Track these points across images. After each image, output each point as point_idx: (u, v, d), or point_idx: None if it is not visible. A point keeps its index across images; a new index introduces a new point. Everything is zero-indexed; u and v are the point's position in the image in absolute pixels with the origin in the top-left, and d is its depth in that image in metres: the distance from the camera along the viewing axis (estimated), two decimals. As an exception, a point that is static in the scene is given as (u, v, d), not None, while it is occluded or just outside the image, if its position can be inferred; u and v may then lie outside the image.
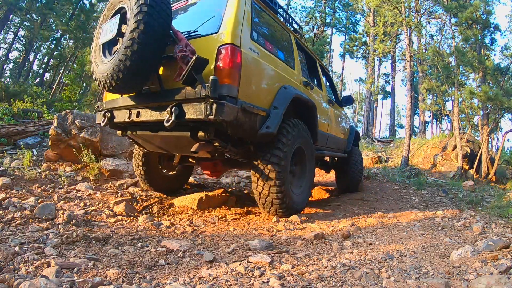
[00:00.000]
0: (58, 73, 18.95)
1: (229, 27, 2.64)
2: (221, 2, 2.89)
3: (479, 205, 4.57)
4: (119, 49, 2.44)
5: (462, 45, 8.33)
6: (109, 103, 3.18)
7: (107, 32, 2.69)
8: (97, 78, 2.69)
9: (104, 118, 3.10)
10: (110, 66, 2.52)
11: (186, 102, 2.49)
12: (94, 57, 2.82)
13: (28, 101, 7.63)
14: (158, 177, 3.99)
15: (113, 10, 2.73)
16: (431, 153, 9.46)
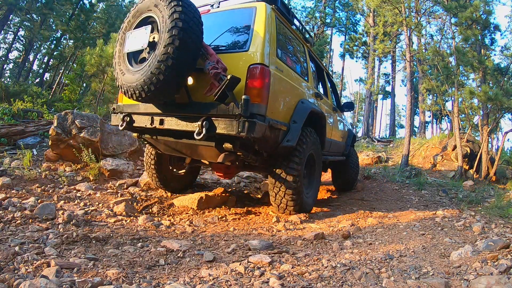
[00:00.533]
0: (58, 73, 18.95)
1: (259, 46, 2.75)
2: (248, 16, 2.98)
3: (479, 205, 4.57)
4: (152, 62, 2.47)
5: (462, 45, 8.33)
6: (128, 107, 3.22)
7: (135, 41, 2.70)
8: (122, 86, 2.72)
9: (122, 122, 3.14)
10: (140, 77, 2.54)
11: (216, 117, 2.59)
12: (118, 63, 2.83)
13: (28, 101, 7.64)
14: (169, 177, 4.07)
15: (140, 17, 2.75)
16: (431, 153, 9.46)
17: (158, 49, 2.45)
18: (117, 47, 2.88)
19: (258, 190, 5.34)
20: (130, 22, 2.83)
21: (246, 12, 3.06)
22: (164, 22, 2.45)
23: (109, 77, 7.77)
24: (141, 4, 2.75)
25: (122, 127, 3.14)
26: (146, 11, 2.69)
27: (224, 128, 2.56)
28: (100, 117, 5.21)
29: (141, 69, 2.57)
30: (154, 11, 2.59)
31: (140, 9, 2.75)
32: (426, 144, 10.30)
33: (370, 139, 16.59)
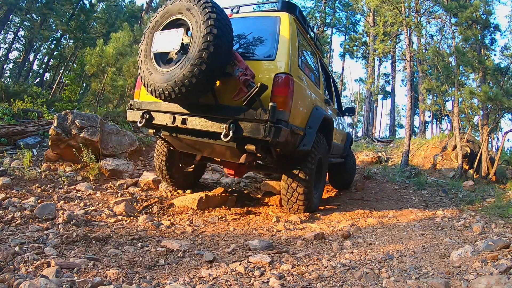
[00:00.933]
0: (58, 73, 18.94)
1: (285, 56, 2.93)
2: (272, 25, 3.13)
3: (479, 205, 4.57)
4: (184, 65, 2.55)
5: (462, 45, 8.32)
6: (148, 104, 3.25)
7: (165, 42, 2.75)
8: (149, 85, 2.78)
9: (141, 119, 3.17)
10: (170, 78, 2.61)
11: (242, 120, 2.73)
12: (144, 62, 2.87)
13: (28, 101, 7.63)
14: (178, 173, 4.14)
15: (169, 19, 2.81)
16: (431, 153, 9.46)
17: (191, 53, 2.53)
18: (143, 46, 2.91)
19: (258, 190, 5.34)
20: (158, 22, 2.87)
21: (270, 21, 3.20)
22: (198, 27, 2.54)
23: (109, 77, 7.77)
24: (171, 5, 2.80)
25: (141, 124, 3.17)
26: (176, 13, 2.76)
27: (251, 132, 2.70)
28: (100, 117, 5.21)
29: (171, 71, 2.64)
30: (186, 15, 2.67)
31: (170, 11, 2.80)
32: (426, 144, 10.30)
33: (370, 139, 16.59)
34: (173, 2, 2.80)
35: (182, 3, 2.71)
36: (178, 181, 4.17)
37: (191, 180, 4.44)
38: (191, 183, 4.41)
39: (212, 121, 2.85)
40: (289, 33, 3.04)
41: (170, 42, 2.72)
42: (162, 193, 4.18)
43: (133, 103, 3.42)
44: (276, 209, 4.17)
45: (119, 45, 7.90)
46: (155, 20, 2.90)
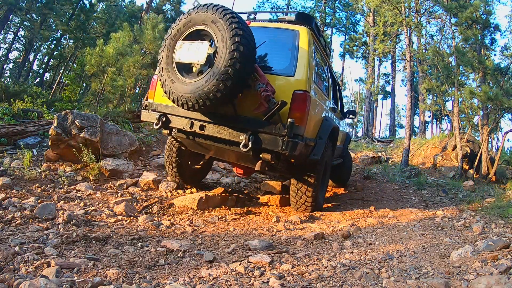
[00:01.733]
0: (58, 73, 18.94)
1: (303, 73, 3.03)
2: (290, 39, 3.21)
3: (479, 205, 4.57)
4: (209, 78, 2.63)
5: (462, 45, 8.32)
6: (166, 107, 3.30)
7: (190, 53, 2.78)
8: (172, 93, 2.84)
9: (158, 121, 3.22)
10: (194, 89, 2.69)
11: (261, 132, 2.86)
12: (166, 70, 2.90)
13: (28, 101, 7.62)
14: (187, 170, 4.23)
15: (192, 28, 2.83)
16: (431, 153, 9.46)
17: (217, 68, 2.61)
18: (164, 53, 2.94)
19: (258, 190, 5.34)
20: (180, 30, 2.88)
21: (289, 34, 3.26)
22: (224, 42, 2.60)
23: (109, 77, 7.77)
24: (194, 15, 2.81)
25: (158, 126, 3.22)
26: (200, 23, 2.78)
27: (269, 144, 2.85)
28: (100, 117, 5.21)
29: (195, 82, 2.71)
30: (211, 27, 2.70)
31: (194, 20, 2.82)
32: (426, 144, 10.30)
33: (370, 139, 16.58)
34: (197, 12, 2.81)
35: (207, 15, 2.73)
36: (186, 178, 4.26)
37: (198, 178, 4.56)
38: (198, 180, 4.53)
39: (230, 130, 2.97)
40: (307, 49, 3.14)
41: (195, 54, 2.74)
42: (162, 193, 4.18)
43: (148, 104, 3.46)
44: (276, 209, 4.17)
45: (119, 45, 7.89)
46: (177, 27, 2.91)
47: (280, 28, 3.41)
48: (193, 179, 4.41)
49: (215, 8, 2.72)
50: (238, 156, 3.33)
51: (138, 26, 9.88)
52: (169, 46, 2.91)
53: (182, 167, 4.13)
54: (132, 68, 7.89)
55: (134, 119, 7.03)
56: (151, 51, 8.52)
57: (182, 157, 4.06)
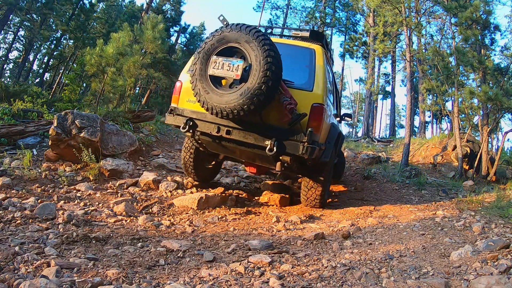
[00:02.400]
0: (58, 73, 18.93)
1: (320, 88, 3.48)
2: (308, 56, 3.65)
3: (479, 205, 4.57)
4: (244, 92, 2.97)
5: (462, 45, 8.31)
6: (193, 113, 3.56)
7: (225, 68, 3.09)
8: (206, 103, 3.14)
9: (185, 125, 3.49)
10: (229, 101, 3.01)
11: (284, 139, 3.26)
12: (199, 81, 3.17)
13: (28, 101, 7.61)
14: (201, 169, 4.52)
15: (225, 45, 3.13)
16: (431, 153, 9.45)
17: (251, 83, 2.96)
18: (198, 65, 3.20)
19: (258, 190, 5.34)
20: (213, 46, 3.16)
21: (306, 52, 3.71)
22: (258, 62, 2.95)
23: (109, 77, 7.76)
24: (228, 33, 3.12)
25: (185, 130, 3.49)
26: (233, 41, 3.09)
27: (291, 149, 3.26)
28: (100, 117, 5.21)
29: (229, 94, 3.04)
30: (244, 46, 3.03)
31: (227, 38, 3.12)
32: (426, 144, 10.29)
33: (370, 139, 16.57)
34: (231, 30, 3.10)
35: (241, 34, 3.04)
36: (201, 176, 4.53)
37: (211, 176, 4.88)
38: (210, 179, 4.87)
39: (256, 135, 3.33)
40: (322, 66, 3.60)
41: (231, 69, 3.07)
42: (162, 193, 4.18)
43: (173, 108, 3.69)
44: (276, 209, 4.17)
45: (119, 45, 7.88)
46: (210, 43, 3.17)
47: (298, 45, 3.82)
48: (206, 177, 4.72)
49: (248, 29, 3.04)
50: (259, 157, 3.71)
51: (138, 26, 9.87)
52: (203, 60, 3.17)
53: (198, 166, 4.42)
54: (132, 68, 7.89)
55: (134, 119, 7.02)
56: (151, 51, 8.51)
57: (198, 157, 4.33)
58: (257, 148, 3.41)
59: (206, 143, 3.86)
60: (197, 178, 4.52)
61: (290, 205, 4.50)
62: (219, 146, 3.80)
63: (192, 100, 3.48)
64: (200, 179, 4.57)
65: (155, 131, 7.44)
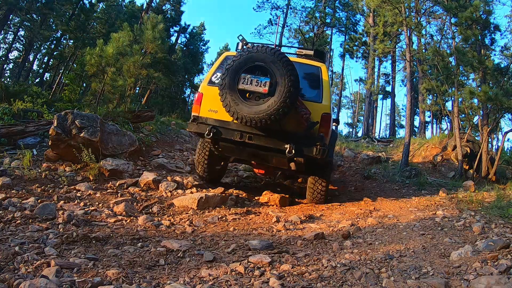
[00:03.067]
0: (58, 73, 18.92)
1: (327, 100, 4.11)
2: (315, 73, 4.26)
3: (479, 205, 4.56)
4: (271, 105, 3.50)
5: (462, 45, 8.31)
6: (216, 121, 4.00)
7: (254, 84, 3.59)
8: (235, 113, 3.60)
9: (209, 132, 3.86)
10: (257, 112, 3.52)
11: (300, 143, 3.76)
12: (229, 94, 3.60)
13: (28, 101, 7.60)
14: (213, 170, 4.89)
15: (252, 64, 3.61)
16: (431, 153, 9.45)
17: (277, 97, 3.49)
18: (227, 80, 3.62)
19: (258, 190, 5.34)
20: (241, 64, 3.63)
21: (314, 69, 4.30)
22: (283, 79, 3.49)
23: (109, 77, 7.76)
24: (255, 54, 3.63)
25: (209, 136, 3.87)
26: (260, 61, 3.59)
27: (307, 151, 3.80)
28: (100, 117, 5.21)
29: (258, 106, 3.55)
30: (269, 66, 3.55)
31: (254, 58, 3.62)
32: (426, 144, 10.29)
33: (370, 139, 16.56)
34: (257, 51, 3.63)
35: (266, 56, 3.57)
36: (212, 177, 4.90)
37: (219, 176, 5.26)
38: (219, 178, 5.25)
39: (275, 140, 3.82)
40: (328, 81, 4.23)
41: (259, 85, 3.57)
42: (162, 193, 4.18)
43: (196, 117, 4.10)
44: (276, 209, 4.17)
45: (119, 45, 7.87)
46: (238, 61, 3.64)
47: (307, 63, 4.37)
48: (216, 178, 5.08)
49: (273, 51, 3.59)
50: (276, 159, 4.23)
51: (138, 26, 9.88)
52: (231, 75, 3.62)
53: (210, 168, 4.79)
54: (132, 68, 7.88)
55: (134, 119, 7.02)
56: (151, 51, 8.51)
57: (211, 159, 4.70)
58: (275, 151, 3.93)
59: (225, 147, 4.29)
60: (209, 178, 4.86)
61: (290, 205, 4.50)
62: (237, 150, 4.28)
63: (213, 110, 4.01)
64: (211, 180, 4.89)
65: (155, 131, 7.44)
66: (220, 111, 3.93)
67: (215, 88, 3.89)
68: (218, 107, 3.91)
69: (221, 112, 3.91)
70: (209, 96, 4.04)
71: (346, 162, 8.79)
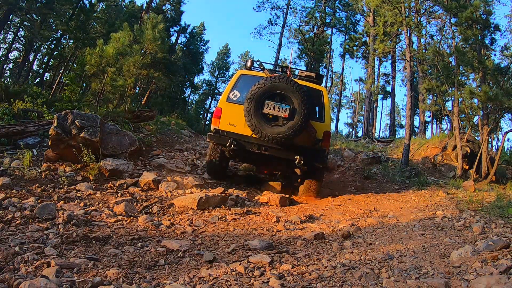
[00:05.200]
0: (58, 73, 18.88)
1: (328, 120, 4.92)
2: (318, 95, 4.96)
3: (479, 205, 4.56)
4: (289, 126, 4.32)
5: (462, 45, 8.30)
6: (236, 135, 4.60)
7: (277, 110, 4.38)
8: (260, 132, 4.34)
9: (231, 144, 4.47)
10: (279, 132, 4.33)
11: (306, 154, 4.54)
12: (255, 115, 4.32)
13: (28, 101, 7.59)
14: (222, 170, 5.47)
15: (274, 91, 4.39)
16: (431, 153, 9.45)
17: (295, 121, 4.31)
18: (253, 104, 4.32)
19: (258, 190, 5.34)
20: (265, 91, 4.36)
21: (317, 92, 4.99)
22: (299, 106, 4.32)
23: (109, 77, 7.75)
24: (277, 83, 4.37)
25: (231, 147, 4.48)
26: (281, 90, 4.38)
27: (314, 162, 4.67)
28: (100, 117, 5.20)
29: (280, 127, 4.36)
30: (289, 94, 4.36)
31: (276, 87, 4.37)
32: (426, 144, 10.29)
33: (370, 139, 16.56)
34: (279, 82, 4.35)
35: (287, 86, 4.36)
36: (220, 176, 5.48)
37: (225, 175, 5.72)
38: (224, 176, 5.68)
39: (287, 152, 4.58)
40: (328, 103, 5.03)
41: (280, 111, 4.37)
42: (162, 193, 4.18)
43: (217, 131, 4.65)
44: (276, 209, 4.17)
45: (119, 45, 7.87)
46: (263, 88, 4.34)
47: (312, 88, 5.00)
48: (223, 176, 5.58)
49: (292, 83, 4.38)
50: (285, 165, 5.06)
51: (138, 26, 9.86)
52: (256, 101, 4.33)
53: (221, 168, 5.35)
54: (132, 68, 7.88)
55: (134, 119, 7.02)
56: (151, 51, 8.50)
57: (221, 161, 5.19)
58: (286, 160, 4.73)
59: (240, 155, 5.01)
60: (218, 178, 5.42)
61: (290, 205, 4.50)
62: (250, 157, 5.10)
63: (232, 124, 4.64)
64: (219, 179, 5.45)
65: (155, 131, 7.44)
66: (238, 126, 4.61)
67: (233, 104, 4.67)
68: (236, 121, 4.60)
69: (239, 126, 4.59)
70: (228, 112, 4.69)
71: (346, 162, 8.78)
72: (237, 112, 4.56)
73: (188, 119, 17.66)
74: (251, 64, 5.31)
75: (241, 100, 4.67)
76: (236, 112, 4.56)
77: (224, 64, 31.79)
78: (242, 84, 4.86)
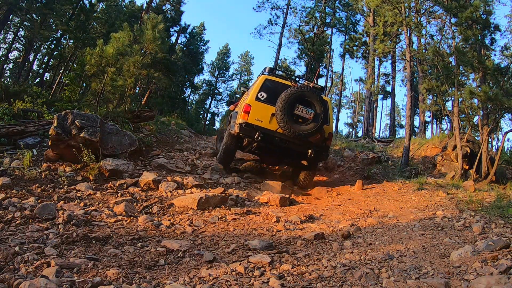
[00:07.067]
0: (58, 73, 18.88)
1: (332, 123, 5.97)
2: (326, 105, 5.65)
3: (479, 205, 4.56)
4: (312, 127, 5.32)
5: (462, 45, 8.29)
6: (264, 129, 5.39)
7: (305, 112, 5.38)
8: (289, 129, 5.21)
9: (258, 136, 5.28)
10: (305, 130, 5.28)
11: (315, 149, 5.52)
12: (287, 115, 5.20)
13: (28, 101, 7.59)
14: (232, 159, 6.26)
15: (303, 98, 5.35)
16: (431, 153, 9.45)
17: (317, 122, 5.32)
18: (286, 106, 5.20)
19: (258, 190, 5.34)
20: (297, 97, 5.29)
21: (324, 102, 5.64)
22: (320, 110, 5.35)
23: (109, 77, 7.75)
24: (306, 92, 5.35)
25: (258, 139, 5.29)
26: (308, 97, 5.38)
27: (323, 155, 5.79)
28: (100, 117, 5.20)
29: (306, 126, 5.33)
30: (314, 101, 5.39)
31: (304, 94, 5.34)
32: (426, 144, 10.28)
33: (370, 139, 16.55)
34: (306, 91, 5.35)
35: (313, 95, 5.39)
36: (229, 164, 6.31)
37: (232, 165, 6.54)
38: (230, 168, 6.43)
39: (302, 146, 5.48)
40: (331, 110, 6.04)
41: (307, 114, 5.38)
42: (162, 193, 4.18)
43: (245, 123, 5.36)
44: (276, 209, 4.17)
45: (119, 45, 7.86)
46: (295, 94, 5.26)
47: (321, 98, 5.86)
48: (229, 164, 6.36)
49: (316, 92, 5.46)
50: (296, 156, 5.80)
51: (138, 26, 9.86)
52: (288, 103, 5.22)
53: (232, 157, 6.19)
54: (132, 68, 7.88)
55: (134, 119, 7.02)
56: (151, 51, 8.51)
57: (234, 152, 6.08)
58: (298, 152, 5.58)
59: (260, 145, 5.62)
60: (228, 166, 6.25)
61: (290, 205, 4.50)
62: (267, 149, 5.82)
63: (259, 119, 5.39)
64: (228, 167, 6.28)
65: (155, 131, 7.44)
66: (264, 121, 5.41)
67: (260, 103, 5.45)
68: (262, 117, 5.40)
69: (265, 122, 5.41)
70: (256, 109, 5.43)
71: (346, 162, 8.78)
72: (263, 110, 5.40)
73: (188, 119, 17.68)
74: (269, 70, 6.10)
75: (267, 100, 5.48)
76: (263, 109, 5.40)
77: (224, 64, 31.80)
78: (266, 87, 5.59)
